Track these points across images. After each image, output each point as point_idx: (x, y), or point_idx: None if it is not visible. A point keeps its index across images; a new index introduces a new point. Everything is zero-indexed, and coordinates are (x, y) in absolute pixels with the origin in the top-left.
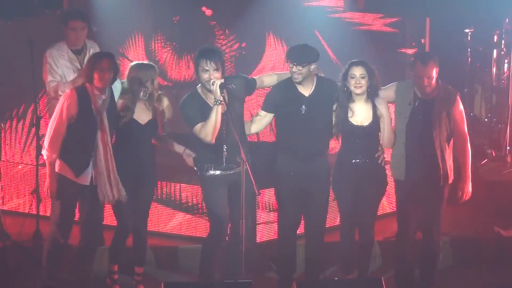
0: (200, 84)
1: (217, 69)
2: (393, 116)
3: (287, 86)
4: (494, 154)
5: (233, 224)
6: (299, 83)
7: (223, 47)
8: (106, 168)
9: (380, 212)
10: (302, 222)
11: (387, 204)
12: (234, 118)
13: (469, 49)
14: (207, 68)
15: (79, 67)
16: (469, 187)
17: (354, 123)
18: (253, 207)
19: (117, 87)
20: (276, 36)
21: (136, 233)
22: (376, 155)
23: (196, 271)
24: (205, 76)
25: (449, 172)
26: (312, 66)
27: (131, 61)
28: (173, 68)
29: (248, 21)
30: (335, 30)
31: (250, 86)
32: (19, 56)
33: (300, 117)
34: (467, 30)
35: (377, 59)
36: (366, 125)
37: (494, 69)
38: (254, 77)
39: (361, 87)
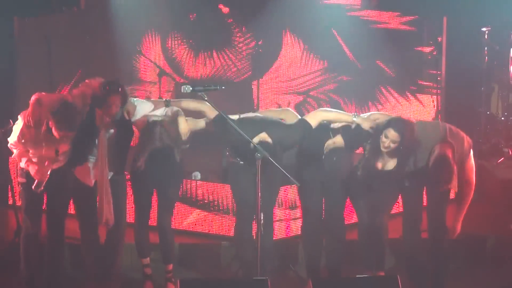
0: None
1: None
2: None
3: None
4: (510, 153)
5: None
6: None
7: (240, 45)
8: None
9: (396, 210)
10: None
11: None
12: None
13: (486, 48)
14: None
15: None
16: (459, 228)
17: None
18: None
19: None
20: (293, 34)
21: (161, 231)
22: None
23: (212, 268)
24: None
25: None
26: None
27: (149, 60)
28: (190, 65)
29: (265, 19)
30: (352, 28)
31: None
32: (36, 53)
33: None
34: (484, 29)
35: (394, 57)
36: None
37: (511, 68)
38: None
39: (387, 148)
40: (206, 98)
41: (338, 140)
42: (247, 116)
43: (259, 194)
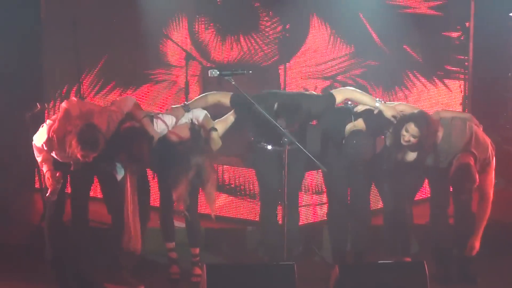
0: None
1: None
2: None
3: None
4: None
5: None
6: None
7: (267, 29)
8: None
9: (422, 196)
10: None
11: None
12: None
13: None
14: None
15: None
16: (478, 246)
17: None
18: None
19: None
20: (320, 18)
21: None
22: None
23: (238, 253)
24: None
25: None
26: None
27: (176, 43)
28: (216, 49)
29: (292, 3)
30: (380, 13)
31: None
32: (63, 36)
33: None
34: (511, 14)
35: (422, 42)
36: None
37: None
38: None
39: (407, 142)
40: (233, 83)
41: (359, 123)
42: (271, 91)
43: (286, 179)
